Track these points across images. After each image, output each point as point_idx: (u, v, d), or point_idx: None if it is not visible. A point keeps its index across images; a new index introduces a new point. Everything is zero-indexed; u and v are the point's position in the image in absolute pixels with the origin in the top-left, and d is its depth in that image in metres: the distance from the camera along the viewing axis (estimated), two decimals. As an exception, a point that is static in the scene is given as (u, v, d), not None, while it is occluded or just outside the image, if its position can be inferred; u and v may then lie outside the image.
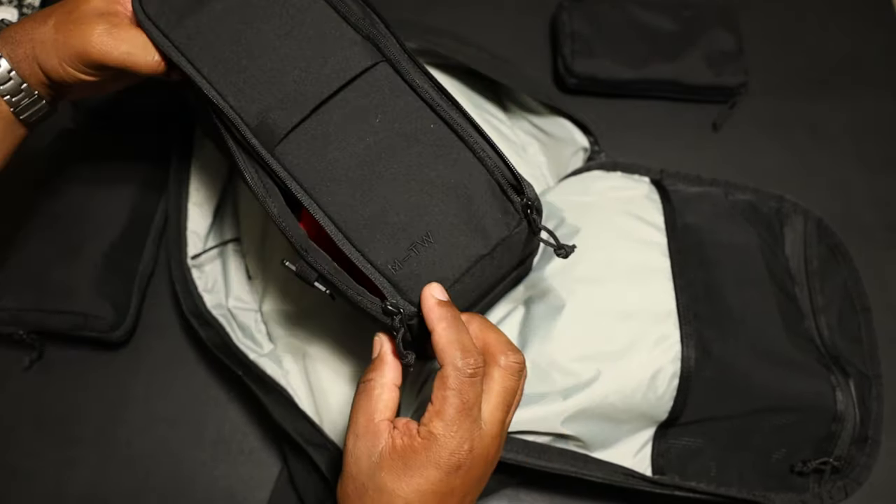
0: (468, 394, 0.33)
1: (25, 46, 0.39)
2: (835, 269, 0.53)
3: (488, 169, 0.37)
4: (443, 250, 0.36)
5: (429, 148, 0.37)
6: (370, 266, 0.36)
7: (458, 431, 0.33)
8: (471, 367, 0.33)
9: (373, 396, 0.35)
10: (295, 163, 0.37)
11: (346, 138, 0.37)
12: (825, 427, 0.47)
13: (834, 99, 0.66)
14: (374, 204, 0.37)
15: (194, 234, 0.52)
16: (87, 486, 0.50)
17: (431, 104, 0.37)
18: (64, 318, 0.51)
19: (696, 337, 0.45)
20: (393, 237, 0.36)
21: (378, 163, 0.37)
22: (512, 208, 0.37)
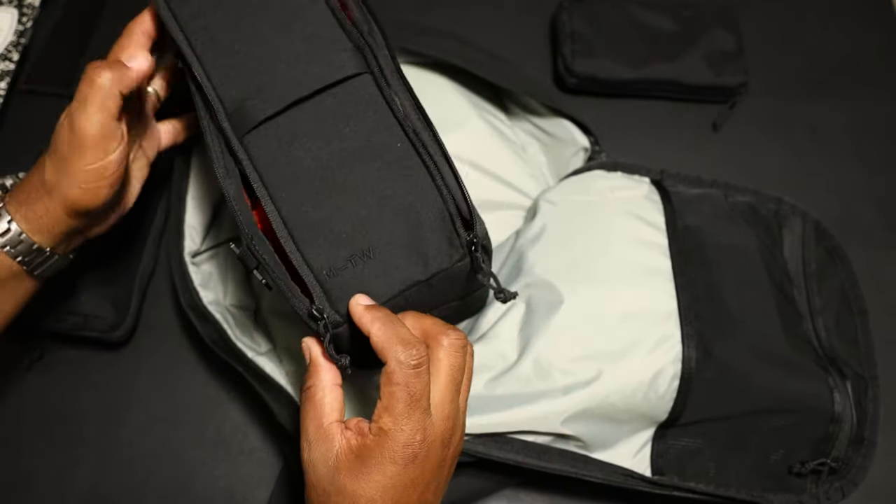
0: (415, 385, 0.33)
1: (45, 200, 0.40)
2: (832, 272, 0.53)
3: (443, 197, 0.37)
4: (380, 268, 0.36)
5: (390, 165, 0.37)
6: (306, 267, 0.36)
7: (408, 423, 0.33)
8: (414, 359, 0.33)
9: (316, 401, 0.36)
10: (259, 154, 0.38)
11: (313, 140, 0.38)
12: (823, 428, 0.47)
13: (834, 99, 0.66)
14: (324, 209, 0.37)
15: (193, 231, 0.52)
16: (88, 486, 0.50)
17: (403, 123, 0.38)
18: (64, 319, 0.51)
19: (697, 337, 0.45)
20: (334, 245, 0.37)
21: (338, 170, 0.37)
22: (458, 241, 0.37)
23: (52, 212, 0.40)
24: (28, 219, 0.40)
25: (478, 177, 0.53)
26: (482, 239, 0.37)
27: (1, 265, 0.41)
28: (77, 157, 0.38)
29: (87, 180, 0.39)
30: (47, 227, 0.40)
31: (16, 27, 0.63)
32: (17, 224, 0.40)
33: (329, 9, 0.40)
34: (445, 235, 0.37)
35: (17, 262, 0.41)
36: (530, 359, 0.45)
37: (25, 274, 0.42)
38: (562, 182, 0.55)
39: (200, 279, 0.51)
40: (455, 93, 0.55)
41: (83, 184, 0.39)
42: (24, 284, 0.43)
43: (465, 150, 0.52)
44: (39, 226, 0.40)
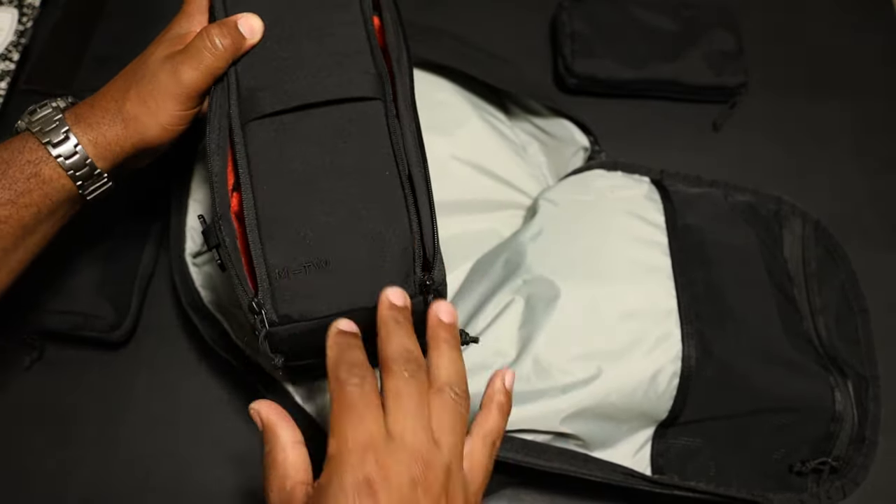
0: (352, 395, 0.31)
1: (117, 128, 0.40)
2: (832, 271, 0.53)
3: (412, 233, 0.38)
4: (331, 282, 0.37)
5: (373, 190, 0.38)
6: (262, 260, 0.37)
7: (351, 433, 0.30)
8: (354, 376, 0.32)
9: (277, 464, 0.33)
10: (255, 143, 0.39)
11: (308, 145, 0.39)
12: (824, 427, 0.47)
13: (834, 99, 0.66)
14: (298, 210, 0.38)
15: (194, 232, 0.52)
16: (88, 486, 0.50)
17: (396, 153, 0.39)
18: (64, 318, 0.51)
19: (697, 336, 0.45)
20: (295, 246, 0.37)
21: (323, 179, 0.38)
22: (412, 279, 0.37)
23: (122, 141, 0.40)
24: (97, 144, 0.40)
25: (478, 177, 0.53)
26: (437, 284, 0.37)
27: (62, 188, 0.40)
28: (173, 102, 0.40)
29: (173, 122, 0.40)
30: (113, 155, 0.40)
31: (16, 27, 0.64)
32: (83, 147, 0.40)
33: (365, 32, 0.41)
34: (403, 271, 0.37)
35: (76, 186, 0.40)
36: (530, 357, 0.45)
37: (80, 198, 0.42)
38: (562, 181, 0.55)
39: (201, 280, 0.51)
40: (455, 93, 0.55)
41: (168, 125, 0.40)
42: (75, 208, 0.43)
43: (465, 150, 0.52)
44: (106, 152, 0.40)
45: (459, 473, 0.33)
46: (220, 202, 0.38)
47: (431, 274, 0.37)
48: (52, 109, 0.41)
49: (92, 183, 0.41)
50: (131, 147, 0.41)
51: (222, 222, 0.38)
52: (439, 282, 0.37)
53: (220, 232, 0.37)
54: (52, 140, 0.39)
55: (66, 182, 0.40)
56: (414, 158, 0.39)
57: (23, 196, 0.39)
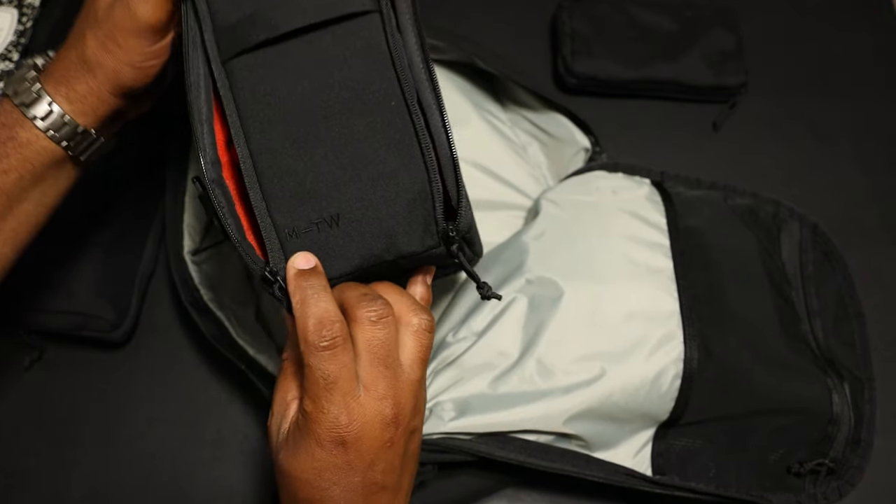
0: (328, 368, 0.31)
1: (87, 78, 0.37)
2: (829, 275, 0.54)
3: (429, 175, 0.33)
4: (344, 239, 0.33)
5: (379, 125, 0.33)
6: (269, 221, 0.34)
7: (328, 406, 0.31)
8: (324, 340, 0.31)
9: (286, 373, 0.35)
10: (241, 85, 0.34)
11: (300, 81, 0.34)
12: (821, 429, 0.47)
13: (834, 99, 0.66)
14: (300, 160, 0.34)
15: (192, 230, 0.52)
16: (88, 486, 0.50)
17: (402, 79, 0.33)
18: (64, 318, 0.51)
19: (699, 338, 0.46)
20: (302, 203, 0.33)
21: (323, 120, 0.33)
22: (434, 228, 0.33)
23: (96, 91, 0.37)
24: (70, 99, 0.37)
25: (478, 176, 0.53)
26: (464, 231, 0.33)
27: (43, 151, 0.38)
28: (134, 38, 0.36)
29: (144, 60, 0.37)
30: (92, 108, 0.38)
31: (16, 27, 0.63)
32: (58, 105, 0.37)
33: None
34: (422, 217, 0.33)
35: (61, 147, 0.38)
36: (533, 358, 0.45)
37: (70, 160, 0.39)
38: (563, 182, 0.55)
39: (201, 277, 0.51)
40: (456, 92, 0.55)
41: (140, 64, 0.37)
42: (68, 172, 0.40)
43: (465, 150, 0.52)
44: (83, 107, 0.38)
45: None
46: (207, 153, 0.34)
47: (457, 219, 0.33)
48: (27, 68, 0.39)
49: (80, 142, 0.38)
50: (109, 95, 0.38)
51: (215, 186, 0.34)
52: (465, 228, 0.33)
53: (214, 197, 0.33)
54: (24, 101, 0.37)
55: (46, 144, 0.38)
56: (423, 80, 0.34)
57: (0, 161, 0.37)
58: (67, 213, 0.53)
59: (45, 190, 0.40)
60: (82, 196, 0.53)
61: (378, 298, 0.33)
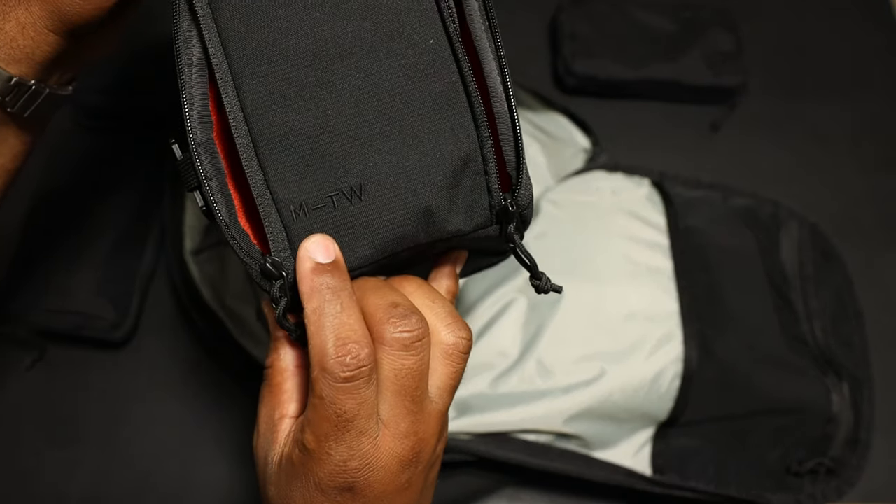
0: (344, 404, 0.25)
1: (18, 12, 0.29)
2: (828, 275, 0.54)
3: (480, 135, 0.26)
4: (368, 217, 0.26)
5: (414, 71, 0.26)
6: (268, 195, 0.26)
7: (336, 447, 0.25)
8: (346, 369, 0.24)
9: (273, 386, 0.29)
10: (228, 13, 0.26)
11: (307, 11, 0.26)
12: (820, 429, 0.47)
13: (833, 100, 0.66)
14: (309, 115, 0.26)
15: (193, 230, 0.53)
16: (88, 485, 0.50)
17: (444, 12, 0.26)
18: (65, 318, 0.51)
19: (698, 338, 0.46)
20: (312, 171, 0.26)
21: (337, 61, 0.26)
22: (486, 201, 0.27)
23: (31, 29, 0.29)
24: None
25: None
26: (523, 206, 0.27)
27: None
28: None
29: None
30: (25, 53, 0.29)
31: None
32: None
33: None
34: (469, 189, 0.27)
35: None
36: (533, 358, 0.45)
37: (9, 118, 0.31)
38: (563, 182, 0.55)
39: (202, 277, 0.51)
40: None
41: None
42: (15, 131, 0.32)
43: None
44: (13, 51, 0.29)
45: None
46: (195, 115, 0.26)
47: (515, 191, 0.26)
48: None
49: (17, 96, 0.30)
50: (49, 33, 0.29)
51: (202, 150, 0.26)
52: (525, 202, 0.27)
53: (200, 164, 0.26)
54: None
55: None
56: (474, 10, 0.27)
57: None
58: (68, 213, 0.53)
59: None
60: (83, 196, 0.54)
61: (413, 314, 0.26)
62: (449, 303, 0.29)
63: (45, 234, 0.52)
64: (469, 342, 0.28)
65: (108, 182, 0.54)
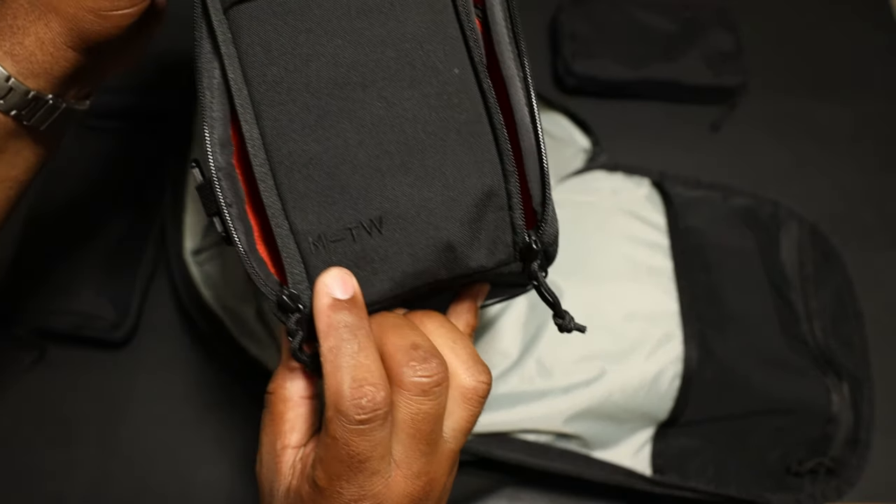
0: (358, 446, 0.24)
1: (38, 27, 0.29)
2: (828, 275, 0.54)
3: (505, 168, 0.26)
4: (387, 252, 0.26)
5: (438, 101, 0.26)
6: (286, 226, 0.26)
7: (347, 488, 0.25)
8: (362, 412, 0.24)
9: (275, 415, 0.28)
10: (248, 39, 0.26)
11: (329, 37, 0.26)
12: (820, 429, 0.47)
13: (833, 100, 0.66)
14: (330, 143, 0.26)
15: (193, 230, 0.53)
16: (88, 486, 0.50)
17: (470, 40, 0.26)
18: (65, 318, 0.51)
19: (698, 338, 0.46)
20: (332, 202, 0.26)
21: (361, 88, 0.25)
22: (509, 238, 0.27)
23: (49, 45, 0.29)
24: (16, 56, 0.29)
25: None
26: (548, 243, 0.26)
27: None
28: None
29: (109, 6, 0.29)
30: (44, 68, 0.29)
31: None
32: (0, 65, 0.29)
33: None
34: (493, 224, 0.26)
35: (10, 118, 0.30)
36: (533, 358, 0.45)
37: (26, 131, 0.31)
38: (563, 182, 0.55)
39: (201, 277, 0.51)
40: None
41: (103, 10, 0.28)
42: (31, 143, 0.32)
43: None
44: (33, 66, 0.29)
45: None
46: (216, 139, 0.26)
47: (540, 228, 0.26)
48: None
49: (34, 110, 0.30)
50: (68, 49, 0.29)
51: (222, 175, 0.26)
52: (551, 239, 0.26)
53: (219, 190, 0.26)
54: None
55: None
56: (503, 38, 0.26)
57: None
58: (68, 213, 0.53)
59: (10, 161, 0.32)
60: (83, 196, 0.54)
61: (433, 357, 0.25)
62: (470, 344, 0.29)
63: (45, 233, 0.52)
64: (488, 386, 0.28)
65: (108, 182, 0.54)
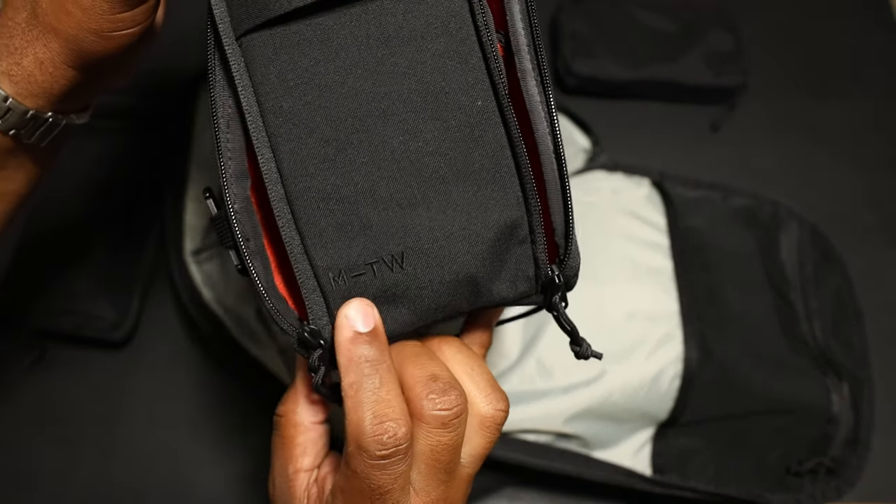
0: (379, 480, 0.24)
1: (36, 47, 0.28)
2: (828, 275, 0.54)
3: (528, 202, 0.26)
4: (409, 286, 0.26)
5: (460, 134, 0.25)
6: (305, 262, 0.26)
7: None
8: (383, 448, 0.24)
9: (286, 438, 0.28)
10: (262, 70, 0.25)
11: (350, 67, 0.25)
12: (820, 429, 0.47)
13: (833, 100, 0.66)
14: (349, 177, 0.25)
15: (193, 230, 0.53)
16: (88, 486, 0.50)
17: (493, 71, 0.25)
18: (65, 318, 0.51)
19: (698, 338, 0.46)
20: (354, 237, 0.25)
21: (381, 120, 0.25)
22: (531, 272, 0.26)
23: (49, 64, 0.29)
24: (14, 77, 0.29)
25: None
26: (570, 278, 0.26)
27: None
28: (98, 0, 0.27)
29: (110, 28, 0.28)
30: (43, 87, 0.29)
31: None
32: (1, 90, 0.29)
33: None
34: (515, 257, 0.26)
35: (9, 137, 0.30)
36: (533, 358, 0.45)
37: (26, 147, 0.31)
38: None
39: (202, 277, 0.51)
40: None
41: (104, 31, 0.28)
42: (30, 159, 0.32)
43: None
44: (32, 86, 0.29)
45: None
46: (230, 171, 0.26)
47: (563, 261, 0.26)
48: None
49: (34, 128, 0.30)
50: (67, 68, 0.29)
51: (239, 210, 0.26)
52: (573, 272, 0.26)
53: (237, 225, 0.25)
54: None
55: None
56: (527, 67, 0.25)
57: None
58: (68, 213, 0.53)
59: (10, 177, 0.32)
60: (83, 196, 0.54)
61: (452, 388, 0.25)
62: (487, 369, 0.29)
63: (45, 233, 0.52)
64: (506, 414, 0.28)
65: (108, 182, 0.54)
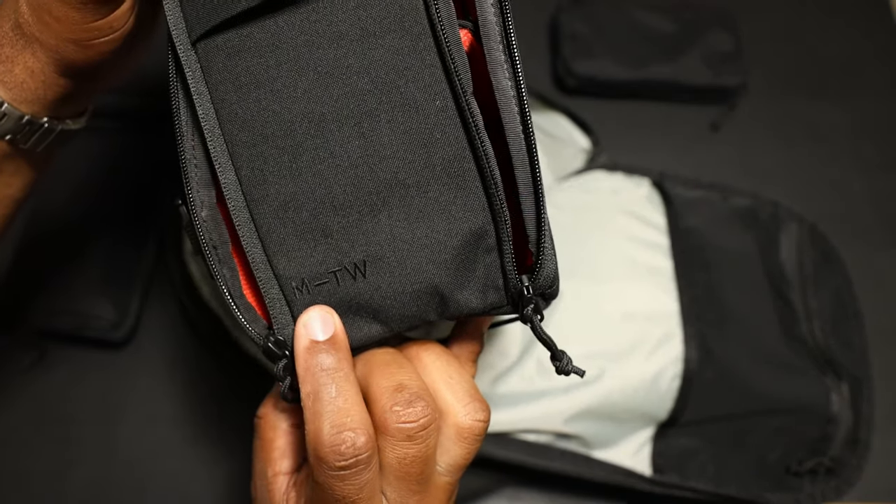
0: (342, 490, 0.24)
1: (25, 56, 0.29)
2: (827, 275, 0.54)
3: (493, 206, 0.24)
4: (372, 295, 0.25)
5: (419, 134, 0.24)
6: (268, 271, 0.25)
7: None
8: (341, 459, 0.23)
9: (265, 441, 0.28)
10: (217, 76, 0.24)
11: (303, 70, 0.24)
12: (820, 428, 0.47)
13: (833, 100, 0.66)
14: (307, 185, 0.24)
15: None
16: (88, 486, 0.50)
17: (451, 70, 0.24)
18: (65, 318, 0.51)
19: (698, 338, 0.46)
20: (314, 245, 0.25)
21: (338, 125, 0.24)
22: (501, 282, 0.25)
23: (39, 73, 0.29)
24: (7, 83, 0.29)
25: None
26: (544, 288, 0.25)
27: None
28: (72, 9, 0.27)
29: (88, 37, 0.28)
30: (36, 94, 0.30)
31: None
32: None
33: None
34: (482, 266, 0.25)
35: (5, 142, 0.30)
36: (533, 358, 0.45)
37: (22, 152, 0.32)
38: (563, 182, 0.55)
39: (201, 276, 0.51)
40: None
41: (83, 40, 0.28)
42: (27, 163, 0.33)
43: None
44: (24, 93, 0.29)
45: None
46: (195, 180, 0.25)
47: (535, 272, 0.24)
48: None
49: (29, 133, 0.31)
50: (57, 76, 0.29)
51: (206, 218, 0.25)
52: (547, 283, 0.24)
53: (204, 233, 0.25)
54: None
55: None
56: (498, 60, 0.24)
57: None
58: (68, 213, 0.53)
59: (6, 181, 0.33)
60: (82, 196, 0.54)
61: (418, 399, 0.25)
62: (470, 378, 0.28)
63: (45, 233, 0.52)
64: (485, 424, 0.27)
65: (108, 182, 0.54)
